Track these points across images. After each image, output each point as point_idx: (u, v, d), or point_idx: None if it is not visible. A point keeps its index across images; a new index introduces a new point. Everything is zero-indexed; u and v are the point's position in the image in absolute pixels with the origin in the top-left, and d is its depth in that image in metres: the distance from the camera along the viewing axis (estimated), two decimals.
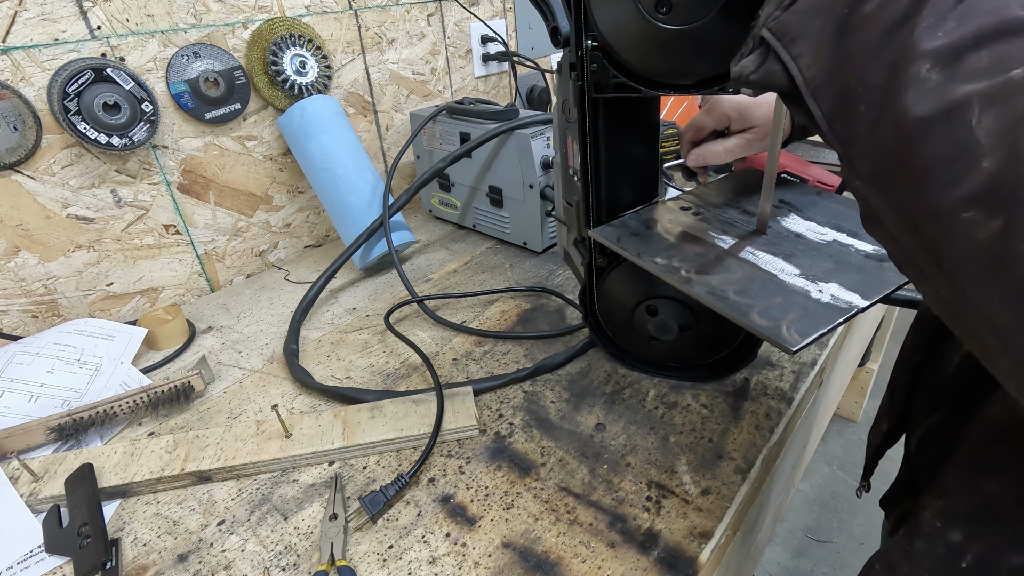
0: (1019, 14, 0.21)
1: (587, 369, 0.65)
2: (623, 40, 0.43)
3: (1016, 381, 0.22)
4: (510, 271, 0.88)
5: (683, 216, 0.54)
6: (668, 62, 0.42)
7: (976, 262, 0.21)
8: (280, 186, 0.96)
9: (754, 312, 0.41)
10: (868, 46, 0.24)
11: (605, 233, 0.52)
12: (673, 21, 0.39)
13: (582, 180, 0.53)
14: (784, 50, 0.28)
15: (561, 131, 0.55)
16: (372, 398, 0.61)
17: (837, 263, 0.46)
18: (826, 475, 1.64)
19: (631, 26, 0.41)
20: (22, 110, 0.68)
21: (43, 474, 0.54)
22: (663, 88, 0.44)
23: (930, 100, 0.22)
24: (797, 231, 0.51)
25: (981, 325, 0.22)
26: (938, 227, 0.22)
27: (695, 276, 0.45)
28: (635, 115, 0.52)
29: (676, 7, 0.38)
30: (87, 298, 0.79)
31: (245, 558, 0.47)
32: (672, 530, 0.46)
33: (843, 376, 1.15)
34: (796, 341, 0.38)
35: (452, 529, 0.48)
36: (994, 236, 0.20)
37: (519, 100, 1.31)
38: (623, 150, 0.53)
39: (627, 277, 0.56)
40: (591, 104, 0.49)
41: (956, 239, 0.21)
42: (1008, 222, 0.19)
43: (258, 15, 0.86)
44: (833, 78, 0.26)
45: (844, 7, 0.26)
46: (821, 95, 0.27)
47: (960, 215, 0.21)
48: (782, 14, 0.29)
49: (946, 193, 0.21)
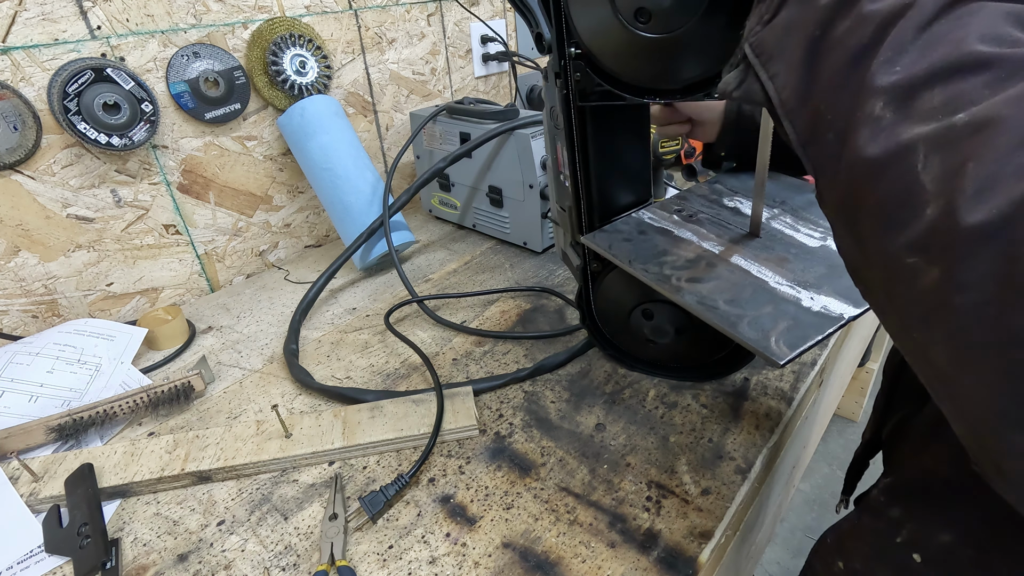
0: (975, 48, 0.20)
1: (587, 369, 0.65)
2: (605, 48, 0.43)
3: (957, 425, 0.21)
4: (510, 271, 0.88)
5: (676, 219, 0.54)
6: (651, 69, 0.42)
7: (920, 307, 0.21)
8: (280, 186, 0.96)
9: (743, 323, 0.40)
10: (836, 73, 0.24)
11: (597, 240, 0.52)
12: (653, 30, 0.38)
13: (572, 186, 0.52)
14: (762, 68, 0.28)
15: (551, 137, 0.55)
16: (372, 398, 0.61)
17: (830, 267, 0.46)
18: (826, 475, 1.64)
19: (612, 35, 0.41)
20: (22, 110, 0.68)
21: (43, 474, 0.54)
22: (648, 95, 0.44)
23: (881, 142, 0.21)
24: (790, 233, 0.51)
25: (927, 367, 0.22)
26: (889, 269, 0.22)
27: (686, 284, 0.45)
28: (624, 120, 0.52)
29: (656, 16, 0.38)
30: (87, 298, 0.79)
31: (245, 558, 0.47)
32: (672, 530, 0.46)
33: (843, 376, 1.15)
34: (784, 354, 0.37)
35: (452, 529, 0.48)
36: (934, 284, 0.19)
37: (519, 100, 1.31)
38: (613, 155, 0.52)
39: (622, 281, 0.56)
40: (577, 111, 0.48)
41: (903, 283, 0.21)
42: (945, 272, 0.19)
43: (258, 15, 0.86)
44: (805, 102, 0.26)
45: (816, 28, 0.25)
46: (795, 117, 0.26)
47: (905, 260, 0.21)
48: (762, 30, 0.28)
49: (894, 237, 0.21)
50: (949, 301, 0.19)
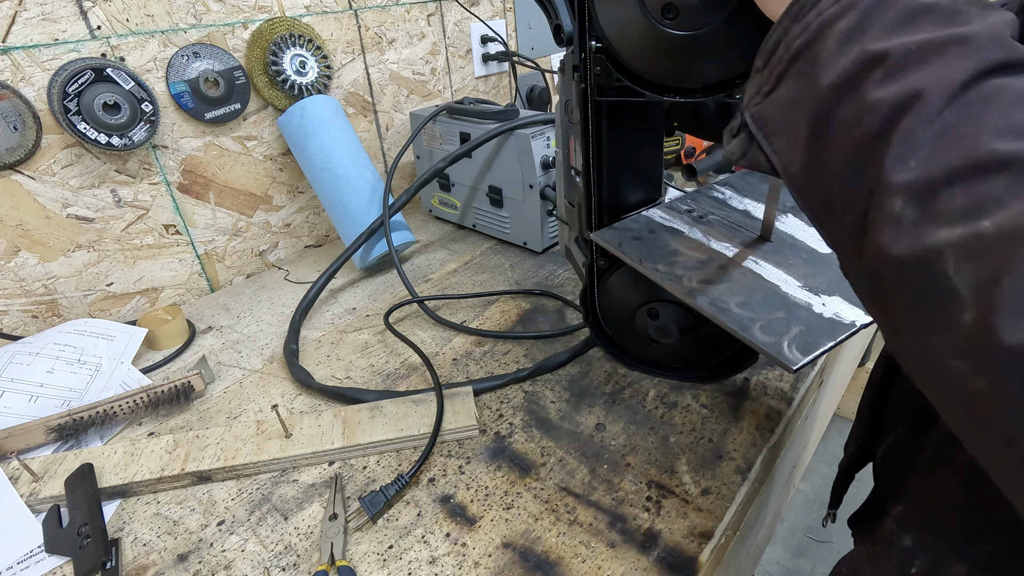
0: (992, 147, 0.19)
1: (587, 369, 0.65)
2: (628, 43, 0.43)
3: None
4: (510, 271, 0.88)
5: (686, 220, 0.54)
6: (674, 67, 0.41)
7: (970, 408, 0.20)
8: (280, 186, 0.96)
9: (756, 327, 0.40)
10: (846, 160, 0.23)
11: (607, 237, 0.52)
12: (679, 26, 0.38)
13: (584, 182, 0.52)
14: (765, 142, 0.27)
15: (564, 131, 0.55)
16: (372, 398, 0.61)
17: (840, 274, 0.46)
18: (826, 475, 1.64)
19: (636, 30, 0.41)
20: (22, 110, 0.68)
21: (43, 474, 0.54)
22: (668, 92, 0.43)
23: (906, 243, 0.21)
24: (801, 238, 0.51)
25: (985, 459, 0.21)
26: (930, 365, 0.21)
27: (697, 286, 0.45)
28: (639, 117, 0.52)
29: (683, 12, 0.37)
30: (87, 298, 0.79)
31: (245, 558, 0.47)
32: (672, 530, 0.46)
33: (843, 376, 1.15)
34: (797, 360, 0.37)
35: (452, 529, 0.48)
36: (983, 392, 0.19)
37: (519, 100, 1.31)
38: (626, 152, 0.52)
39: (628, 280, 0.56)
40: (594, 106, 0.48)
41: (948, 382, 0.20)
42: (993, 384, 0.18)
43: (258, 15, 0.86)
44: (816, 183, 0.25)
45: (819, 111, 0.24)
46: (808, 195, 0.26)
47: (948, 361, 0.20)
48: (762, 101, 0.28)
49: (932, 336, 0.20)
50: (1002, 411, 0.18)
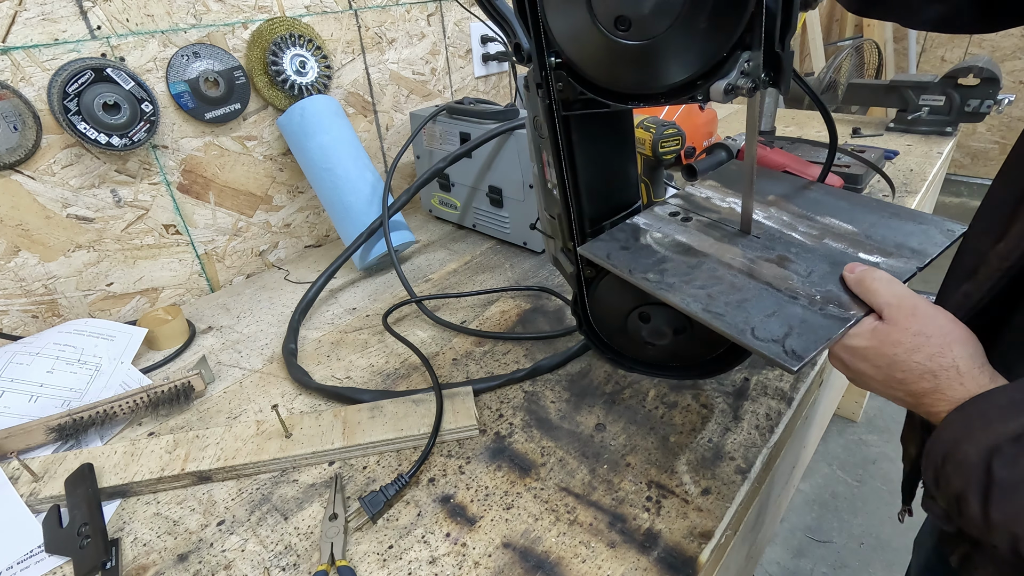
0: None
1: (587, 369, 0.65)
2: (586, 57, 0.43)
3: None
4: (510, 271, 0.88)
5: (672, 223, 0.54)
6: (634, 76, 0.42)
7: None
8: (280, 186, 0.96)
9: (752, 330, 0.40)
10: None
11: (594, 249, 0.52)
12: (634, 37, 0.38)
13: (561, 194, 0.52)
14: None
15: (535, 146, 0.54)
16: (372, 398, 0.61)
17: (832, 265, 0.45)
18: (826, 475, 1.64)
19: (593, 44, 0.41)
20: (22, 110, 0.68)
21: (43, 474, 0.54)
22: (632, 100, 0.43)
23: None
24: (789, 232, 0.51)
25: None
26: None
27: (690, 292, 0.45)
28: (608, 126, 0.51)
29: (635, 23, 0.38)
30: (87, 298, 0.79)
31: (245, 558, 0.47)
32: (672, 530, 0.46)
33: (843, 376, 1.14)
34: (797, 360, 0.37)
35: (452, 529, 0.48)
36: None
37: (519, 100, 1.31)
38: (599, 161, 0.52)
39: (616, 286, 0.56)
40: (562, 120, 0.48)
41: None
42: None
43: (258, 15, 0.86)
44: None
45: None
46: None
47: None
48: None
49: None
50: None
